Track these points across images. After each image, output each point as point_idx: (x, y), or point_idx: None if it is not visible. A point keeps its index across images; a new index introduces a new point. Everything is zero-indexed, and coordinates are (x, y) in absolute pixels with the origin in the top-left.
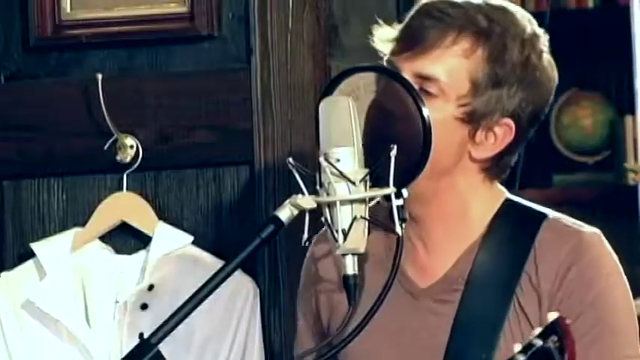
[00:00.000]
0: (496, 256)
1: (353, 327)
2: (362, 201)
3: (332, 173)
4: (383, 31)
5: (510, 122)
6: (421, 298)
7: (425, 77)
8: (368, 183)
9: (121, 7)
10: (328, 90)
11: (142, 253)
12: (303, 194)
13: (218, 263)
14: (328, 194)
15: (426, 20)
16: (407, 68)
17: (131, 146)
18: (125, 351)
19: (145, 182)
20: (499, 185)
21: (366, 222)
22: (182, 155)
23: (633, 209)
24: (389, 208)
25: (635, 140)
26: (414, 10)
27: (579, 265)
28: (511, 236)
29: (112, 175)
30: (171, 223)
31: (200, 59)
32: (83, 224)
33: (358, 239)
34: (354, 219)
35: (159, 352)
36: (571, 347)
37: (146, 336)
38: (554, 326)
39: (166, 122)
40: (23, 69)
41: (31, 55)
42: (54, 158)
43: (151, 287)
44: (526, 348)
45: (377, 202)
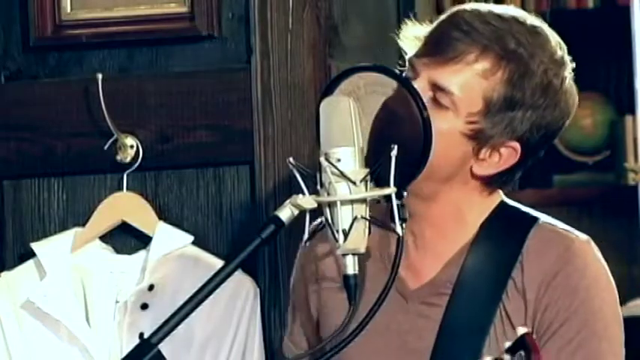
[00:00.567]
0: (484, 261)
1: (350, 326)
2: (362, 201)
3: (332, 173)
4: (410, 29)
5: (517, 145)
6: (410, 300)
7: (439, 87)
8: (369, 183)
9: (121, 7)
10: (329, 90)
11: (142, 253)
12: (303, 194)
13: (218, 263)
14: (329, 194)
15: (454, 31)
16: (424, 74)
17: (131, 146)
18: (125, 351)
19: (145, 182)
20: (498, 191)
21: (367, 222)
22: (182, 155)
23: (633, 209)
24: (388, 208)
25: (635, 140)
26: (445, 17)
27: (565, 272)
28: (500, 241)
29: (112, 175)
30: (171, 223)
31: (200, 59)
32: (83, 224)
33: (359, 239)
34: (355, 219)
35: (159, 352)
36: None
37: (146, 336)
38: (522, 341)
39: (166, 122)
40: (23, 69)
41: (31, 55)
42: (54, 158)
43: (151, 287)
44: None
45: (377, 202)
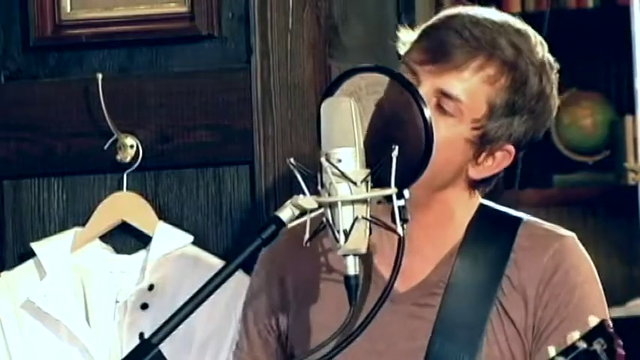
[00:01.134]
0: (475, 261)
1: (340, 329)
2: (363, 201)
3: (333, 174)
4: (408, 35)
5: (511, 148)
6: (400, 302)
7: (446, 95)
8: (369, 183)
9: (121, 7)
10: (330, 90)
11: (142, 253)
12: (304, 194)
13: (218, 263)
14: (330, 194)
15: (455, 38)
16: (428, 81)
17: (131, 146)
18: (125, 351)
19: (145, 182)
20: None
21: (368, 222)
22: (182, 155)
23: (633, 209)
24: (389, 209)
25: (634, 140)
26: (439, 20)
27: (562, 270)
28: (489, 240)
29: (112, 175)
30: (171, 223)
31: (200, 59)
32: (83, 224)
33: (359, 240)
34: (356, 219)
35: (159, 352)
36: (620, 349)
37: (146, 336)
38: (599, 329)
39: (166, 122)
40: (23, 69)
41: (31, 55)
42: (54, 158)
43: (151, 287)
44: (567, 351)
45: (377, 203)
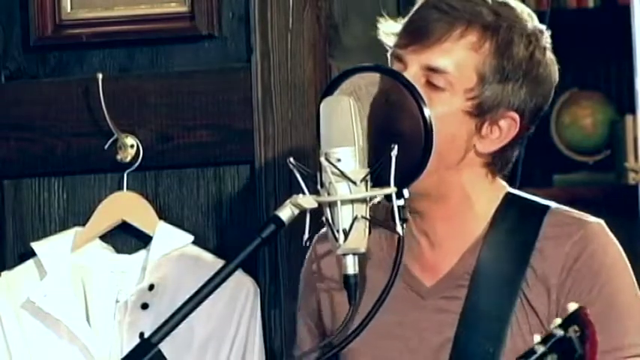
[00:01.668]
0: (500, 251)
1: (355, 327)
2: (363, 201)
3: (333, 173)
4: (388, 25)
5: (515, 116)
6: (428, 297)
7: (433, 69)
8: (369, 183)
9: (121, 7)
10: (329, 90)
11: (143, 253)
12: (303, 194)
13: (218, 263)
14: (329, 194)
15: (434, 13)
16: (414, 61)
17: (131, 146)
18: (126, 350)
19: (146, 182)
20: (500, 180)
21: (367, 222)
22: (182, 154)
23: (633, 209)
24: (390, 208)
25: (635, 140)
26: (419, 4)
27: (585, 256)
28: (514, 230)
29: (113, 175)
30: (171, 223)
31: (200, 59)
32: (84, 224)
33: (359, 239)
34: (355, 219)
35: (159, 352)
36: (592, 336)
37: (147, 335)
38: (574, 316)
39: (167, 122)
40: (23, 68)
41: (32, 55)
42: (54, 158)
43: (152, 287)
44: (546, 338)
45: (377, 203)
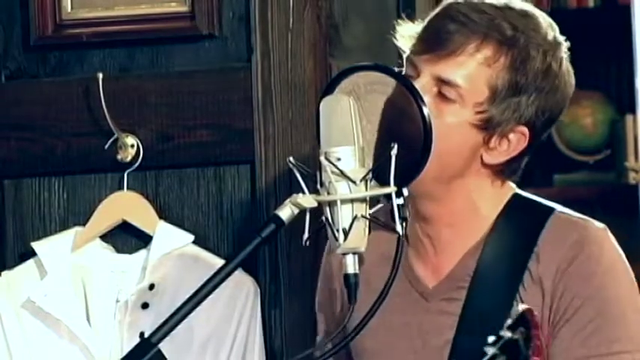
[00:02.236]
0: (501, 252)
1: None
2: (363, 200)
3: (332, 172)
4: (406, 28)
5: (525, 130)
6: (431, 299)
7: (445, 82)
8: (369, 182)
9: (122, 7)
10: (329, 89)
11: (143, 252)
12: (303, 193)
13: (219, 262)
14: (329, 193)
15: (450, 24)
16: (427, 70)
17: (132, 145)
18: (126, 350)
19: (146, 181)
20: (509, 182)
21: (367, 221)
22: (183, 154)
23: (634, 208)
24: (390, 207)
25: (635, 139)
26: (438, 10)
27: (580, 259)
28: (516, 232)
29: (113, 175)
30: (172, 223)
31: (201, 58)
32: (84, 223)
33: (359, 238)
34: (355, 218)
35: (159, 352)
36: (537, 338)
37: (147, 335)
38: (522, 318)
39: (167, 121)
40: (24, 68)
41: (32, 55)
42: (54, 157)
43: (152, 286)
44: (497, 340)
45: (378, 201)
